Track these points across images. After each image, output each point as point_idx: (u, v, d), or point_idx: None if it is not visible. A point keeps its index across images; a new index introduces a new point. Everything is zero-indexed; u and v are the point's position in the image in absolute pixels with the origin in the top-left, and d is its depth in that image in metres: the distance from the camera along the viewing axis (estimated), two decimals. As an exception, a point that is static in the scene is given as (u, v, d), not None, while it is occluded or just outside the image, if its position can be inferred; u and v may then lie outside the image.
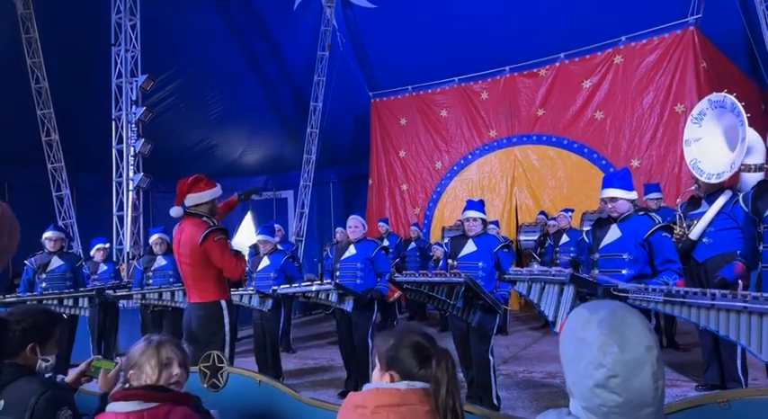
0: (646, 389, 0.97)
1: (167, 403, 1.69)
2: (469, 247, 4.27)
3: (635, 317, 1.04)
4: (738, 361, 3.90)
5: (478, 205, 4.40)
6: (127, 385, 1.75)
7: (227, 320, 3.48)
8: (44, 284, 5.53)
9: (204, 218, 3.48)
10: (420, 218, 10.92)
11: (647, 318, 1.05)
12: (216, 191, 3.58)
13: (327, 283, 4.65)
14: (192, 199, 3.49)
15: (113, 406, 1.67)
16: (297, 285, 4.95)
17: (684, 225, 4.12)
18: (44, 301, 5.10)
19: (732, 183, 4.00)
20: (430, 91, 11.15)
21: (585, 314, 1.05)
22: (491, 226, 6.50)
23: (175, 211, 3.53)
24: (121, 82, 9.27)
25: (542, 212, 8.90)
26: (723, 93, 3.84)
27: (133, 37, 9.35)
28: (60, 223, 10.36)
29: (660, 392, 0.99)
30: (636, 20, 8.79)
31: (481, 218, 4.33)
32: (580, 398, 1.03)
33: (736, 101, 3.66)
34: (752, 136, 3.63)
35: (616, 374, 0.96)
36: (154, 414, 1.66)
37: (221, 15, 10.76)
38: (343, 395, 4.56)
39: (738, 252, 3.34)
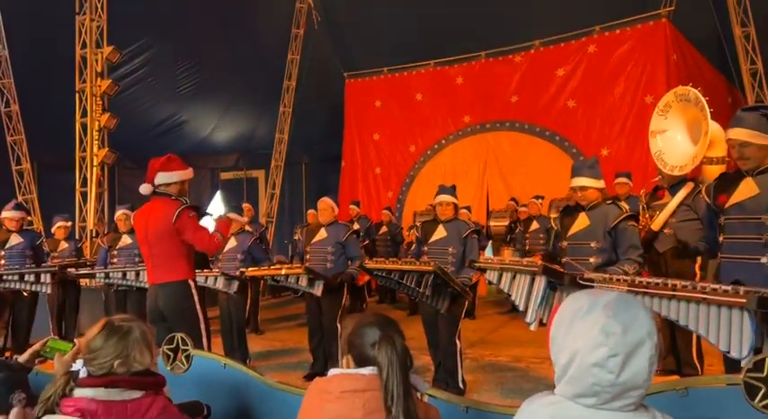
0: (641, 371, 1.02)
1: (151, 391, 1.63)
2: (440, 233, 4.28)
3: (638, 304, 1.10)
4: (693, 348, 4.04)
5: (450, 190, 4.41)
6: (83, 370, 1.65)
7: (196, 298, 3.48)
8: (3, 261, 5.35)
9: (173, 198, 3.44)
10: (392, 201, 10.91)
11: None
12: (187, 173, 3.54)
13: (297, 267, 4.62)
14: (162, 177, 3.43)
15: (86, 392, 1.55)
16: (266, 268, 4.89)
17: (647, 215, 4.20)
18: (4, 277, 4.96)
19: (695, 175, 4.09)
20: (405, 73, 11.07)
21: (588, 299, 1.10)
22: (463, 210, 6.53)
23: (145, 188, 3.47)
24: (86, 53, 8.92)
25: (513, 198, 9.00)
26: (688, 87, 3.90)
27: (99, 6, 8.99)
28: (20, 198, 10.00)
29: (651, 376, 1.04)
30: (610, 10, 8.86)
31: (453, 203, 4.34)
32: (571, 380, 1.05)
33: (700, 94, 3.72)
34: (715, 129, 3.70)
35: (616, 353, 1.00)
36: (137, 406, 1.58)
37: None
38: (308, 378, 4.56)
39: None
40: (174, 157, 3.51)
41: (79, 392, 1.56)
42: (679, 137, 4.04)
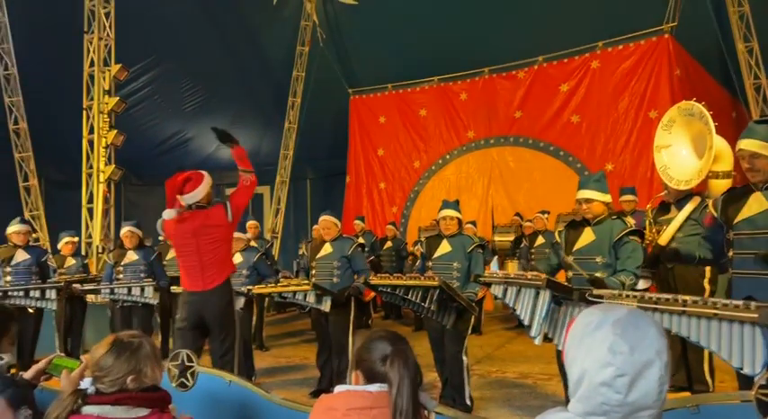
0: (650, 391, 1.00)
1: (157, 409, 1.62)
2: (444, 247, 4.27)
3: (649, 322, 1.07)
4: (705, 364, 3.98)
5: (454, 205, 4.42)
6: (92, 388, 1.64)
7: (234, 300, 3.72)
8: (9, 277, 5.36)
9: (210, 206, 3.65)
10: (397, 217, 10.91)
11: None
12: (207, 180, 3.67)
13: (305, 283, 4.61)
14: (190, 198, 3.57)
15: (94, 410, 1.54)
16: (273, 285, 4.89)
17: (654, 230, 4.18)
18: (9, 293, 4.96)
19: (700, 189, 4.07)
20: (410, 90, 11.14)
21: (599, 314, 1.08)
22: (468, 225, 6.51)
23: (168, 214, 3.56)
24: (94, 71, 9.04)
25: (517, 213, 8.98)
26: (692, 101, 3.90)
27: (107, 25, 9.13)
28: (27, 215, 10.06)
29: (663, 396, 1.02)
30: (613, 26, 8.92)
31: (457, 218, 4.34)
32: (581, 398, 1.04)
33: (705, 109, 3.72)
34: (720, 144, 3.69)
35: (624, 373, 0.99)
36: None
37: (200, 7, 10.56)
38: (314, 394, 4.53)
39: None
40: (189, 176, 3.61)
41: (87, 409, 1.56)
42: (684, 151, 4.03)
